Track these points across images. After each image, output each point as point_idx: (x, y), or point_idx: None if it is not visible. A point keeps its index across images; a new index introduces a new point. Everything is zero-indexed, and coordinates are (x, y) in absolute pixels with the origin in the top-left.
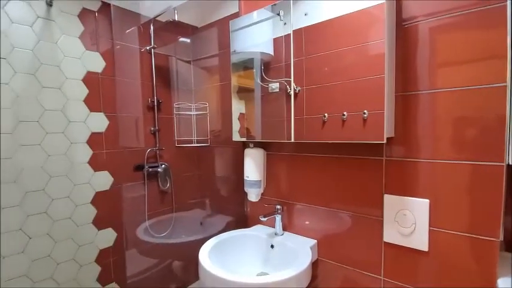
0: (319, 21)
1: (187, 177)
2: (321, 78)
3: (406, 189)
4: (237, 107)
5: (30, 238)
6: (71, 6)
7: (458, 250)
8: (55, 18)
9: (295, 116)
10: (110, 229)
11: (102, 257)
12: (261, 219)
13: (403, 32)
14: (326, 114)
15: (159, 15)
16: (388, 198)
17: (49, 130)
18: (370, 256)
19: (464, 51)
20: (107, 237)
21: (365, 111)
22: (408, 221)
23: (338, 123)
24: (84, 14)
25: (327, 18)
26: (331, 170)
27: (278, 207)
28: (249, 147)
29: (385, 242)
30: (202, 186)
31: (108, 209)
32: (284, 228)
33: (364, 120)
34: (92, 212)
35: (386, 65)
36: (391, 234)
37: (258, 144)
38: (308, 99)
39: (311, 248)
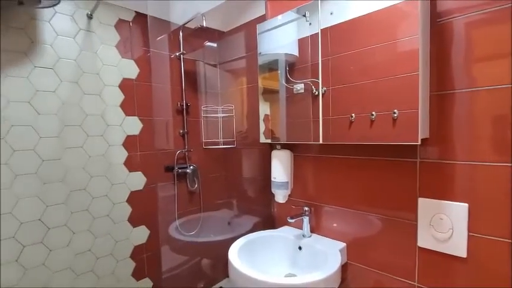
0: (345, 19)
1: (214, 178)
2: (347, 78)
3: (443, 192)
4: (262, 108)
5: (73, 233)
6: (109, 18)
7: (499, 257)
8: (95, 30)
9: (318, 117)
10: (143, 227)
11: (136, 253)
12: (289, 220)
13: (438, 29)
14: (353, 115)
15: (188, 21)
16: (422, 202)
17: (90, 133)
18: (402, 261)
19: (504, 47)
20: (141, 234)
21: (395, 110)
22: (445, 225)
23: (366, 123)
24: (120, 24)
25: (354, 17)
26: (359, 172)
27: (306, 208)
28: (276, 148)
29: (419, 247)
30: (229, 187)
31: (141, 208)
32: (312, 230)
33: (394, 120)
34: (127, 210)
35: (420, 62)
36: (426, 239)
37: (284, 146)
38: (334, 100)
39: (340, 251)
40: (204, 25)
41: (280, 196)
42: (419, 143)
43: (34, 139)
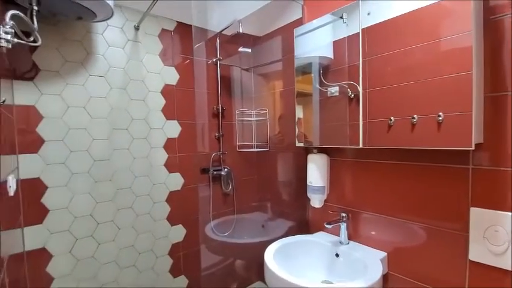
0: (385, 19)
1: (247, 181)
2: (385, 80)
3: (499, 202)
4: (296, 112)
5: (119, 229)
6: (153, 28)
7: None
8: (141, 40)
9: (356, 120)
10: (180, 225)
11: (174, 250)
12: (326, 226)
13: (492, 26)
14: (392, 118)
15: (225, 28)
16: (475, 212)
17: (135, 136)
18: (451, 275)
19: None
20: (178, 233)
21: (440, 113)
22: (501, 238)
23: (406, 127)
24: (162, 34)
25: (394, 16)
26: (401, 178)
27: (343, 215)
28: (312, 152)
29: (470, 261)
30: (263, 190)
31: (179, 207)
32: (349, 238)
33: (439, 123)
34: (167, 209)
35: (474, 61)
36: (478, 252)
37: (321, 150)
38: (371, 102)
39: (381, 260)
40: (241, 31)
41: (316, 201)
42: (473, 148)
43: (88, 141)
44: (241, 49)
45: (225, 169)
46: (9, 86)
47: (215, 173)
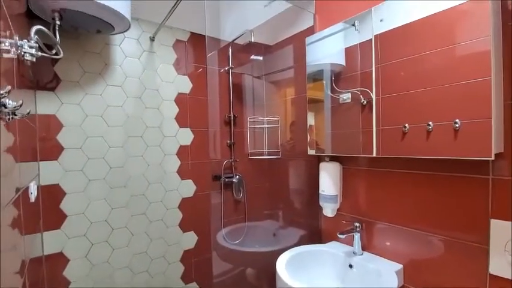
0: (399, 25)
1: (259, 188)
2: (398, 86)
3: None
4: (308, 119)
5: (133, 235)
6: (168, 39)
7: None
8: (156, 50)
9: (369, 127)
10: (192, 232)
11: (185, 257)
12: (339, 236)
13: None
14: (407, 125)
15: (237, 38)
16: (496, 224)
17: (149, 144)
18: None
19: None
20: (190, 239)
21: (457, 120)
22: None
23: (421, 134)
24: (176, 44)
25: (408, 22)
26: (417, 187)
27: (357, 224)
28: (324, 160)
29: (491, 274)
30: (274, 198)
31: (191, 214)
32: (363, 248)
33: (456, 130)
34: (179, 216)
35: (493, 66)
36: (499, 266)
37: (333, 158)
38: (384, 109)
39: (396, 272)
40: (253, 40)
41: (329, 210)
42: (492, 158)
43: (104, 148)
44: (253, 57)
45: (237, 176)
46: (32, 97)
47: (227, 180)
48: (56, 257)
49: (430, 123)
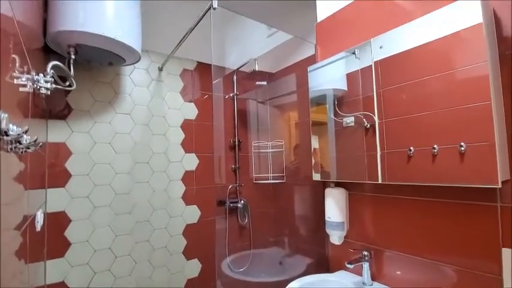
0: (398, 52)
1: (264, 213)
2: (402, 110)
3: None
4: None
5: (136, 263)
6: (175, 68)
7: None
8: (164, 79)
9: (373, 150)
10: (196, 260)
11: (189, 286)
12: (347, 266)
13: (509, 60)
14: (412, 148)
15: (242, 66)
16: (507, 253)
17: (155, 170)
18: None
19: None
20: (193, 267)
21: (462, 143)
22: None
23: (427, 157)
24: (183, 73)
25: (407, 48)
26: (426, 214)
27: (365, 253)
28: (329, 186)
29: None
30: (280, 224)
31: (195, 241)
32: (373, 278)
33: (461, 154)
34: (183, 243)
35: (492, 92)
36: None
37: (339, 183)
38: (388, 133)
39: None
40: (257, 69)
41: (336, 237)
42: (499, 186)
43: (111, 175)
44: (257, 82)
45: (242, 201)
46: (44, 125)
47: (232, 205)
48: (58, 286)
49: (435, 146)
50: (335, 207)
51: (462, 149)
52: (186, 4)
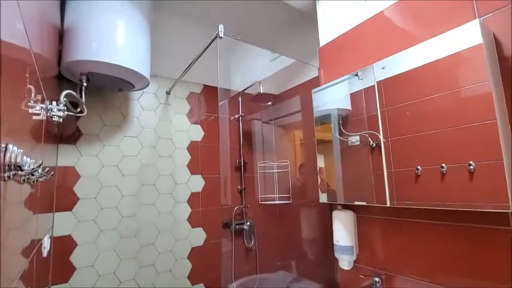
0: (400, 72)
1: (270, 235)
2: (407, 128)
3: None
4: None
5: None
6: (182, 92)
7: None
8: (171, 103)
9: (379, 170)
10: (201, 285)
11: None
12: None
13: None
14: (419, 167)
15: (247, 88)
16: None
17: (161, 192)
18: None
19: None
20: None
21: (470, 162)
22: None
23: (436, 177)
24: (190, 96)
25: (408, 69)
26: (437, 238)
27: (376, 279)
28: (337, 209)
29: None
30: (286, 246)
31: (200, 265)
32: None
33: (471, 172)
34: (188, 266)
35: (497, 110)
36: None
37: (346, 205)
38: (395, 151)
39: None
40: (261, 91)
41: (345, 262)
42: (511, 210)
43: (117, 198)
44: (262, 104)
45: (248, 223)
46: (55, 150)
47: (237, 227)
48: None
49: (443, 165)
50: (343, 230)
51: (471, 167)
52: (193, 29)
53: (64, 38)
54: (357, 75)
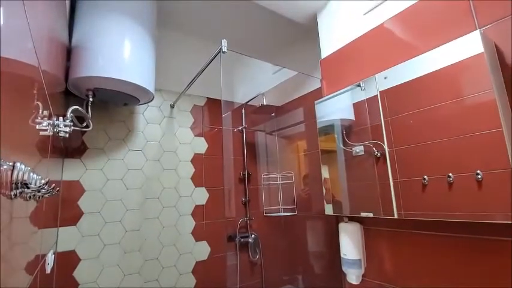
0: (402, 82)
1: (275, 248)
2: (412, 138)
3: None
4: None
5: None
6: (186, 105)
7: None
8: (175, 116)
9: (385, 180)
10: None
11: None
12: None
13: None
14: (426, 177)
15: (250, 100)
16: None
17: (165, 205)
18: None
19: None
20: None
21: (478, 171)
22: None
23: (443, 186)
24: (194, 109)
25: (410, 79)
26: (448, 251)
27: None
28: (343, 221)
29: None
30: (292, 260)
31: (205, 279)
32: None
33: (479, 182)
34: (192, 281)
35: (502, 118)
36: None
37: (352, 217)
38: (400, 161)
39: None
40: (265, 103)
41: (353, 276)
42: None
43: (121, 212)
44: (266, 115)
45: (252, 235)
46: (60, 164)
47: (242, 240)
48: None
49: (451, 174)
50: (350, 243)
51: (479, 177)
52: (196, 45)
53: (72, 55)
54: (359, 85)
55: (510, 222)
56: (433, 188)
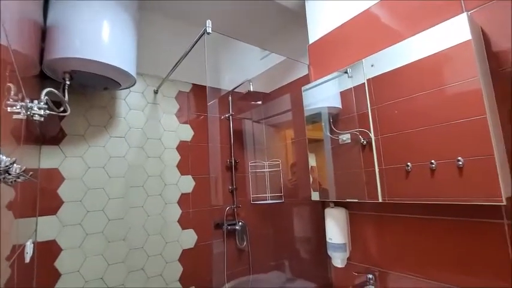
0: (388, 70)
1: (263, 235)
2: (397, 126)
3: None
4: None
5: None
6: (171, 91)
7: None
8: (159, 102)
9: (371, 167)
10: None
11: None
12: None
13: (501, 76)
14: (409, 164)
15: (237, 87)
16: None
17: (150, 193)
18: None
19: None
20: None
21: (459, 158)
22: None
23: (426, 173)
24: (179, 95)
25: (397, 66)
26: (430, 233)
27: (370, 276)
28: (329, 206)
29: None
30: (280, 246)
31: (192, 267)
32: None
33: (460, 168)
34: (179, 269)
35: (486, 106)
36: None
37: (338, 203)
38: (385, 149)
39: None
40: (252, 90)
41: (338, 260)
42: (504, 203)
43: (104, 200)
44: (253, 102)
45: (240, 223)
46: (37, 152)
47: (229, 227)
48: None
49: (433, 161)
50: (336, 228)
51: (460, 163)
52: (180, 28)
53: (47, 35)
54: (346, 72)
55: (492, 204)
56: (416, 174)
